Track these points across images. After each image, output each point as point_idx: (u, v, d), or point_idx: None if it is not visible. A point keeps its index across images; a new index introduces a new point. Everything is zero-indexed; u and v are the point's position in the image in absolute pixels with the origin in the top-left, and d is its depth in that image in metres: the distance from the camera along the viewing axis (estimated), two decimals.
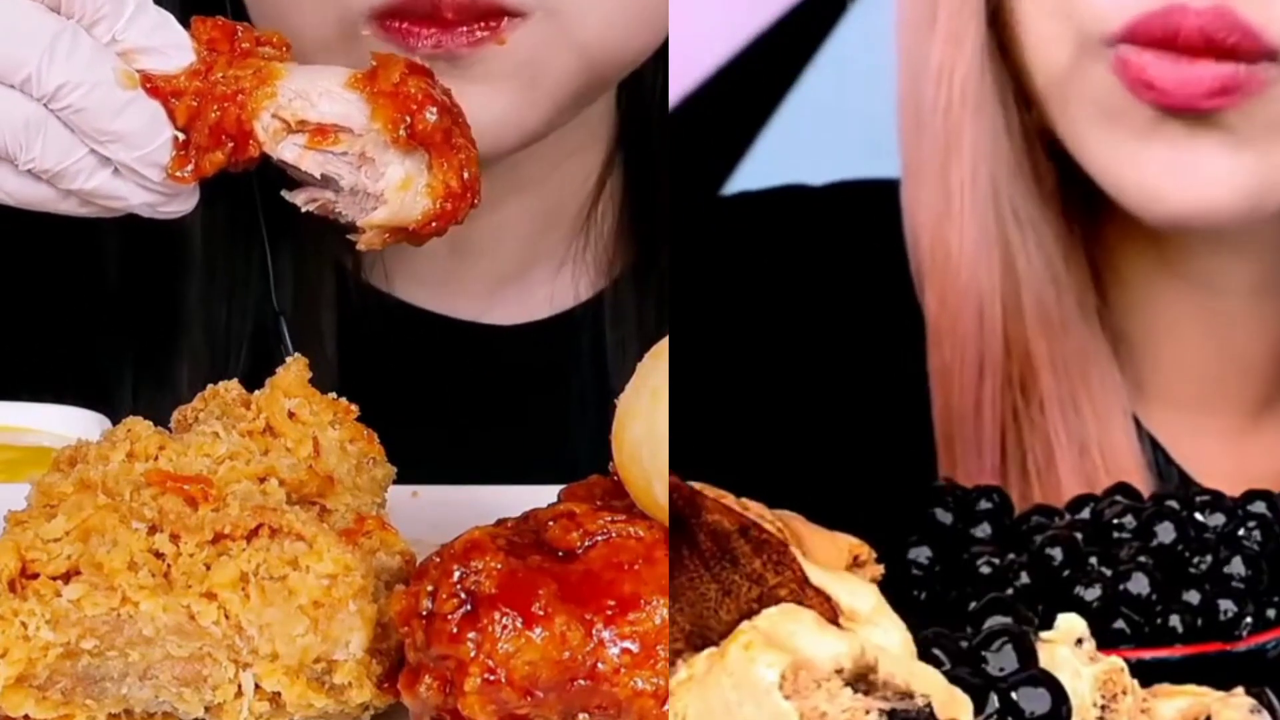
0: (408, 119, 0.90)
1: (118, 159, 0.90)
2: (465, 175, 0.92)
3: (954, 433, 1.10)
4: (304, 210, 0.95)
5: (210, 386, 0.91)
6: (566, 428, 1.28)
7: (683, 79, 1.38)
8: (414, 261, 1.26)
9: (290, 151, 0.91)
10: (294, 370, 0.90)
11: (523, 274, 1.30)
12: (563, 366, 1.30)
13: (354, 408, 0.91)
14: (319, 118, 0.91)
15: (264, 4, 1.14)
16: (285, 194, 0.94)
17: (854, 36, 1.42)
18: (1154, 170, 1.02)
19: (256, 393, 0.90)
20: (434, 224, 0.92)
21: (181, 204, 0.94)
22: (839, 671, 0.70)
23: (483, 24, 1.07)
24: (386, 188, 0.90)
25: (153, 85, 0.90)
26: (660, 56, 1.20)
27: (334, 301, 1.25)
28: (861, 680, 0.70)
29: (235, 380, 0.91)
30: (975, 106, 1.07)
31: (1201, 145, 1.01)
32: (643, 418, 0.80)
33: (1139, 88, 1.00)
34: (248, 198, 1.23)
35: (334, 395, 0.91)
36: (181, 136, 0.91)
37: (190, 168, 0.91)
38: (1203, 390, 1.13)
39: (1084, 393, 1.09)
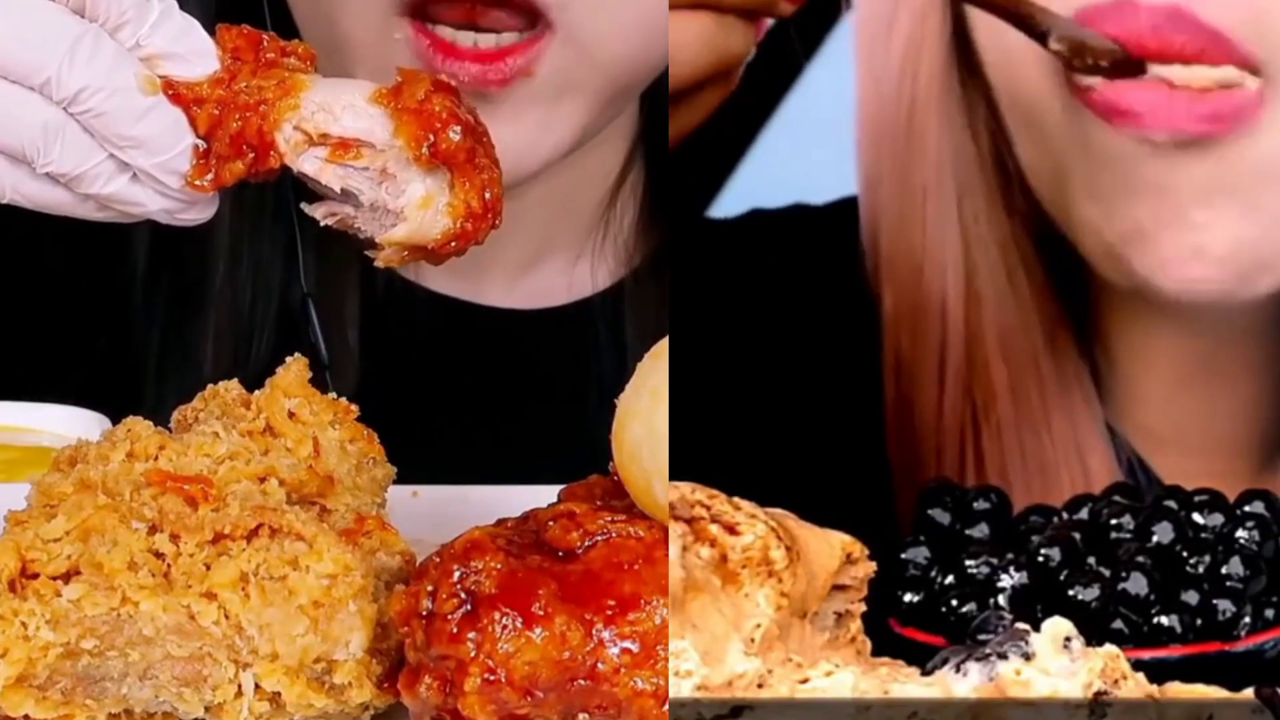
0: (431, 137, 0.88)
1: (137, 165, 0.89)
2: (487, 196, 0.90)
3: (912, 425, 1.10)
4: (323, 224, 0.94)
5: (210, 386, 0.91)
6: (586, 412, 1.29)
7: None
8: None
9: (311, 164, 0.90)
10: (294, 370, 0.90)
11: (542, 261, 1.31)
12: (582, 352, 1.31)
13: (354, 408, 0.91)
14: (341, 131, 0.90)
15: (306, 8, 1.14)
16: (305, 207, 0.94)
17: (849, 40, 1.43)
18: (1138, 224, 1.01)
19: (256, 393, 0.90)
20: (453, 244, 0.91)
21: (200, 212, 0.93)
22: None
23: (506, 56, 1.07)
24: (407, 205, 0.90)
25: (175, 92, 0.89)
26: None
27: (358, 285, 1.25)
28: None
29: (235, 380, 0.91)
30: (941, 111, 1.07)
31: (1185, 196, 1.00)
32: (643, 418, 0.81)
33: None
34: (277, 182, 1.24)
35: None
36: (202, 145, 0.90)
37: (210, 176, 0.90)
38: (1197, 433, 1.12)
39: (1044, 426, 1.09)
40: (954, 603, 0.93)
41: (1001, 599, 0.92)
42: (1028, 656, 0.77)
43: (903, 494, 1.11)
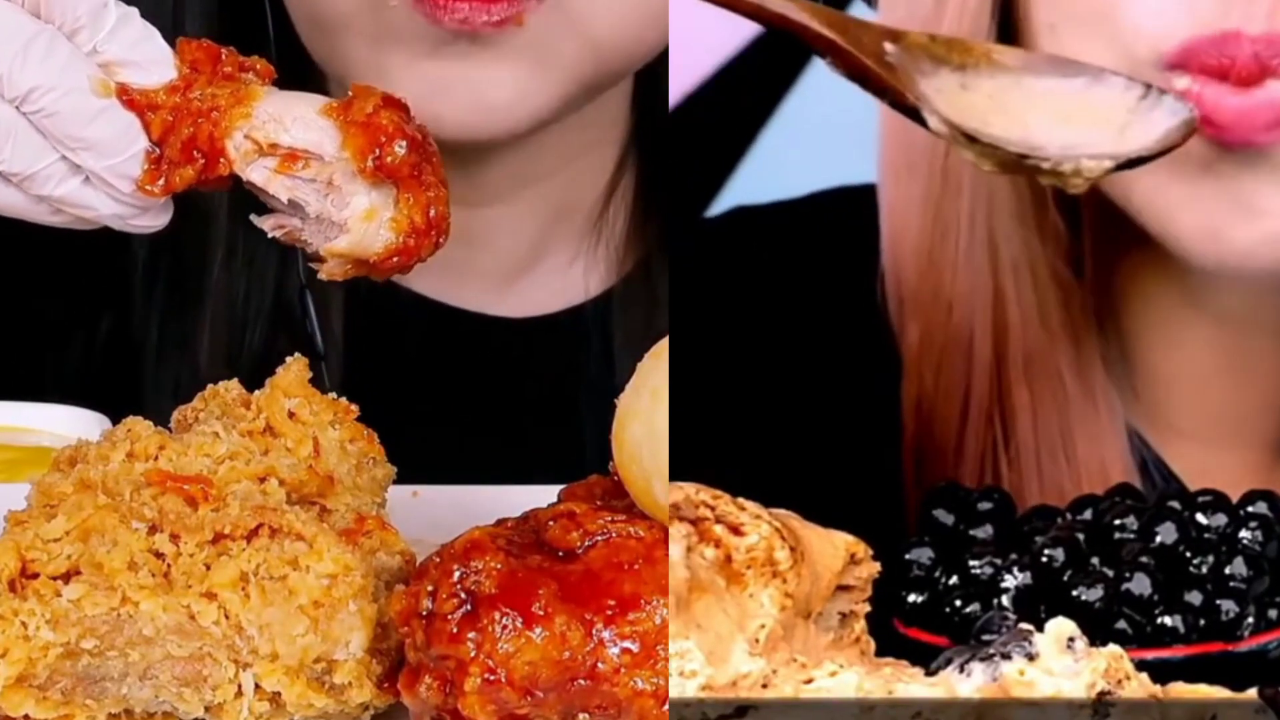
0: (377, 150, 0.90)
1: (88, 167, 0.90)
2: (431, 213, 0.91)
3: (932, 459, 1.10)
4: (270, 235, 0.95)
5: (210, 386, 0.91)
6: (575, 421, 1.29)
7: (682, 80, 1.39)
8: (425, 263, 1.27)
9: (259, 174, 0.92)
10: (294, 370, 0.90)
11: (533, 267, 1.30)
12: (572, 360, 1.30)
13: (354, 408, 0.91)
14: (290, 142, 0.91)
15: None
16: (254, 218, 0.95)
17: None
18: (1210, 210, 0.99)
19: (257, 393, 0.90)
20: (395, 259, 0.92)
21: (153, 219, 0.93)
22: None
23: (501, 1, 1.08)
24: (350, 216, 0.91)
25: (129, 98, 0.90)
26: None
27: (341, 289, 1.25)
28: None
29: (235, 380, 0.91)
30: None
31: (1257, 182, 0.98)
32: (643, 418, 0.80)
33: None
34: None
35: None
36: (154, 150, 0.91)
37: (161, 182, 0.91)
38: (1226, 427, 1.11)
39: (1060, 443, 1.08)
40: (958, 603, 0.93)
41: (1005, 599, 0.91)
42: (1031, 657, 0.77)
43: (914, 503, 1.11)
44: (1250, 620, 0.89)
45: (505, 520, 0.81)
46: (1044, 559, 0.92)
